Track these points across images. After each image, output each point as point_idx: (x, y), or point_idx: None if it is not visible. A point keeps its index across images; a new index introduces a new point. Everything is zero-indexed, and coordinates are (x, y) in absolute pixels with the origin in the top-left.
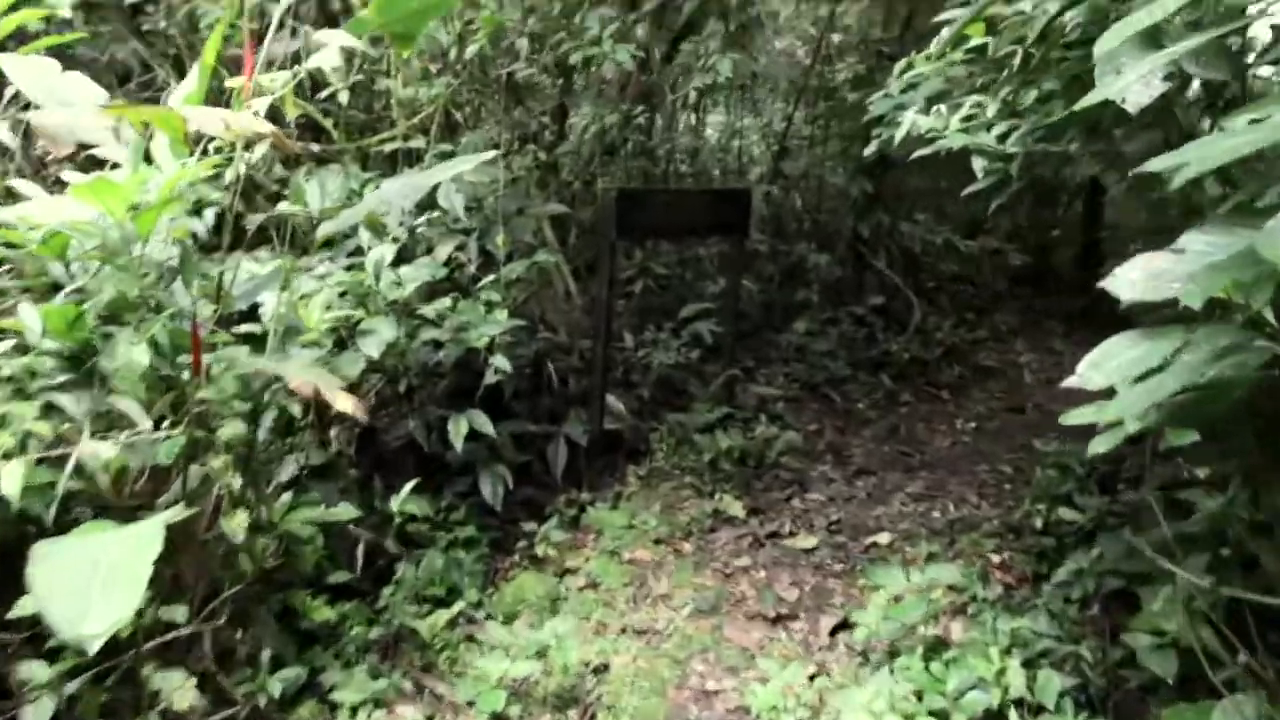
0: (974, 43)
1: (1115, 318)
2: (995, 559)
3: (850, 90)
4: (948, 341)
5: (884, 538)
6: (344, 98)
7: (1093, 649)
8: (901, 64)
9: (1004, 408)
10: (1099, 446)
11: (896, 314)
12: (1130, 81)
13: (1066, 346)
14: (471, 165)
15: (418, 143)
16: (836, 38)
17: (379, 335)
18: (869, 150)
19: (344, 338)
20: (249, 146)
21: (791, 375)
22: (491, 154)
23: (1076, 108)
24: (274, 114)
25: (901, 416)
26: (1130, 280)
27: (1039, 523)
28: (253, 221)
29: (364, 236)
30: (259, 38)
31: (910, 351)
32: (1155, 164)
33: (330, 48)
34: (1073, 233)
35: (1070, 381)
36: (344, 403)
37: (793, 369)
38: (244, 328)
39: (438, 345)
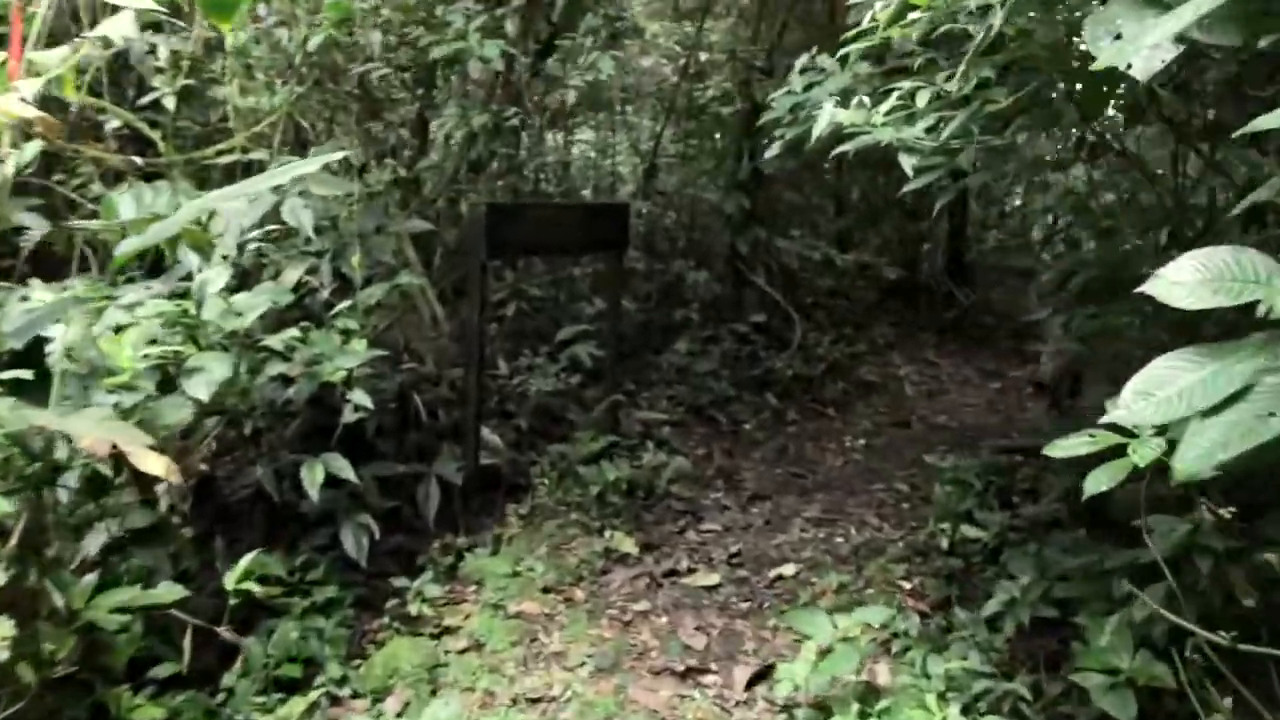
0: (913, 16)
1: (983, 330)
2: (906, 585)
3: (720, 105)
4: (829, 357)
5: (788, 569)
6: (170, 103)
7: (1028, 685)
8: (803, 59)
9: (890, 422)
10: (1101, 483)
11: (777, 331)
12: (1139, 47)
13: (940, 358)
14: (314, 168)
15: (261, 156)
16: (703, 55)
17: (209, 374)
18: (771, 152)
19: (173, 377)
20: (15, 143)
21: (675, 398)
22: (339, 154)
23: (1094, 67)
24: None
25: (790, 436)
26: (1180, 283)
27: (944, 543)
28: (30, 239)
29: (195, 260)
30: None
31: (793, 369)
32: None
33: (123, 15)
34: (938, 246)
35: (1114, 416)
36: (151, 463)
37: (676, 391)
38: (17, 372)
39: (287, 381)
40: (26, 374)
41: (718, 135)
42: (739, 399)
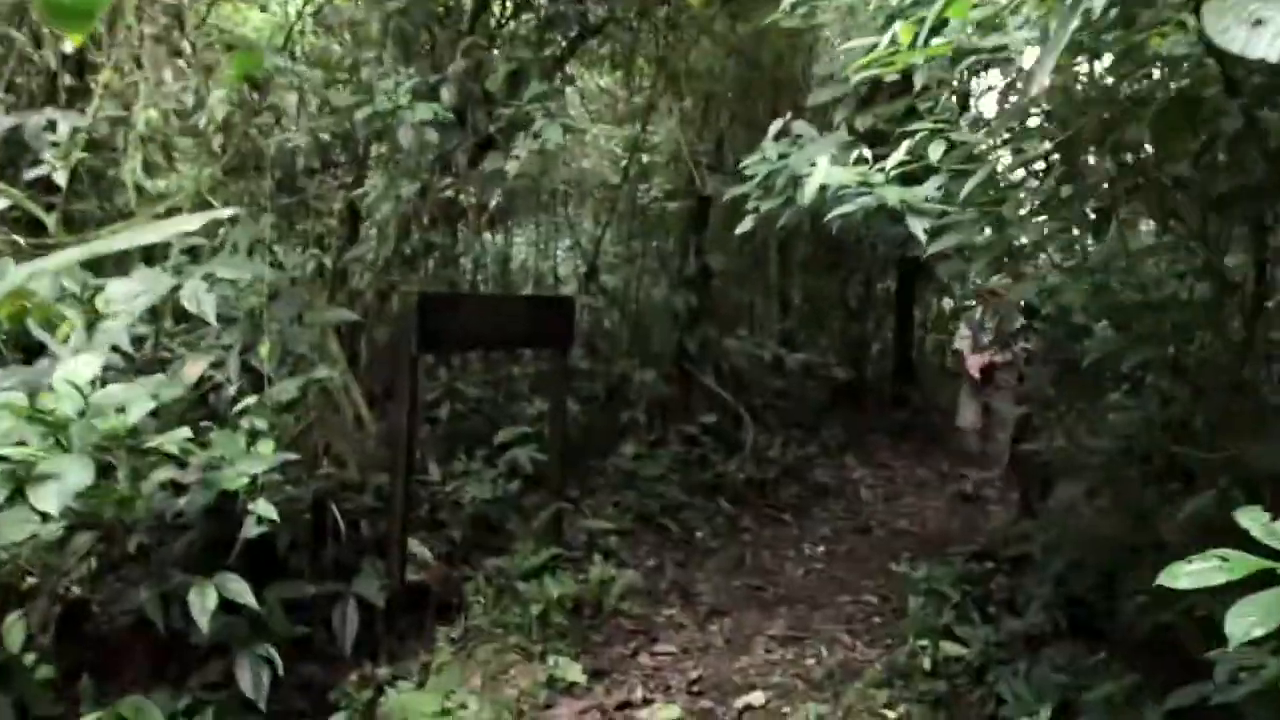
0: (939, 43)
1: (933, 431)
2: (890, 715)
3: (666, 201)
4: (782, 460)
5: (757, 698)
6: (61, 180)
7: None
8: (778, 125)
9: (849, 528)
10: (1249, 626)
11: (726, 433)
12: None
13: (895, 460)
14: (194, 225)
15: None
16: (645, 158)
17: (63, 482)
18: (742, 227)
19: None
20: None
21: (623, 504)
22: (228, 212)
23: (1246, 54)
24: None
25: (746, 544)
26: None
27: (926, 663)
28: None
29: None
30: None
31: (745, 472)
32: None
33: None
34: (885, 347)
35: None
36: None
37: (624, 497)
38: None
39: (179, 489)
40: None
41: (661, 234)
42: (690, 505)
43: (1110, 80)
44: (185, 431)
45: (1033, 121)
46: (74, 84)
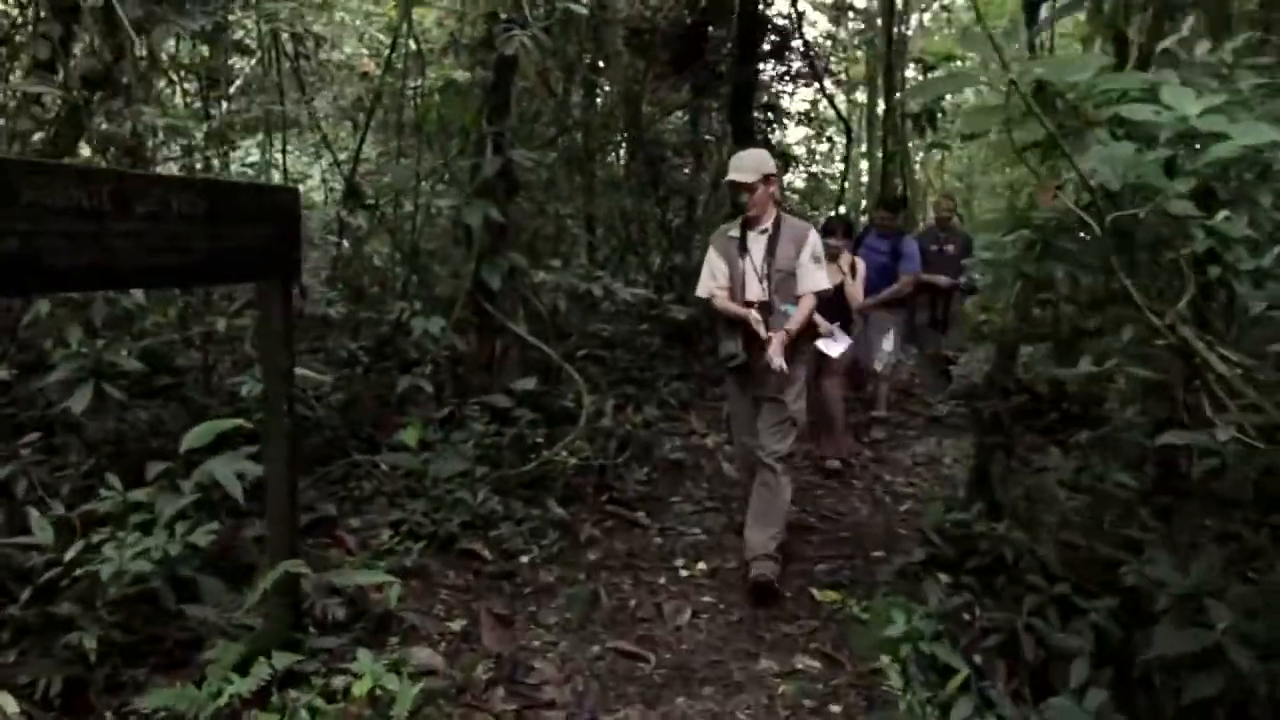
0: None
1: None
2: None
3: (445, 96)
4: (619, 432)
5: None
6: None
7: None
8: None
9: (726, 527)
10: None
11: (545, 400)
12: None
13: None
14: None
15: None
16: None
17: None
18: None
19: None
20: None
21: (406, 525)
22: None
23: None
24: None
25: (594, 568)
26: None
27: None
28: None
29: None
30: None
31: (577, 455)
32: None
33: None
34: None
35: None
36: None
37: (406, 513)
38: None
39: None
40: None
41: (442, 136)
42: (507, 514)
43: None
44: None
45: None
46: None
